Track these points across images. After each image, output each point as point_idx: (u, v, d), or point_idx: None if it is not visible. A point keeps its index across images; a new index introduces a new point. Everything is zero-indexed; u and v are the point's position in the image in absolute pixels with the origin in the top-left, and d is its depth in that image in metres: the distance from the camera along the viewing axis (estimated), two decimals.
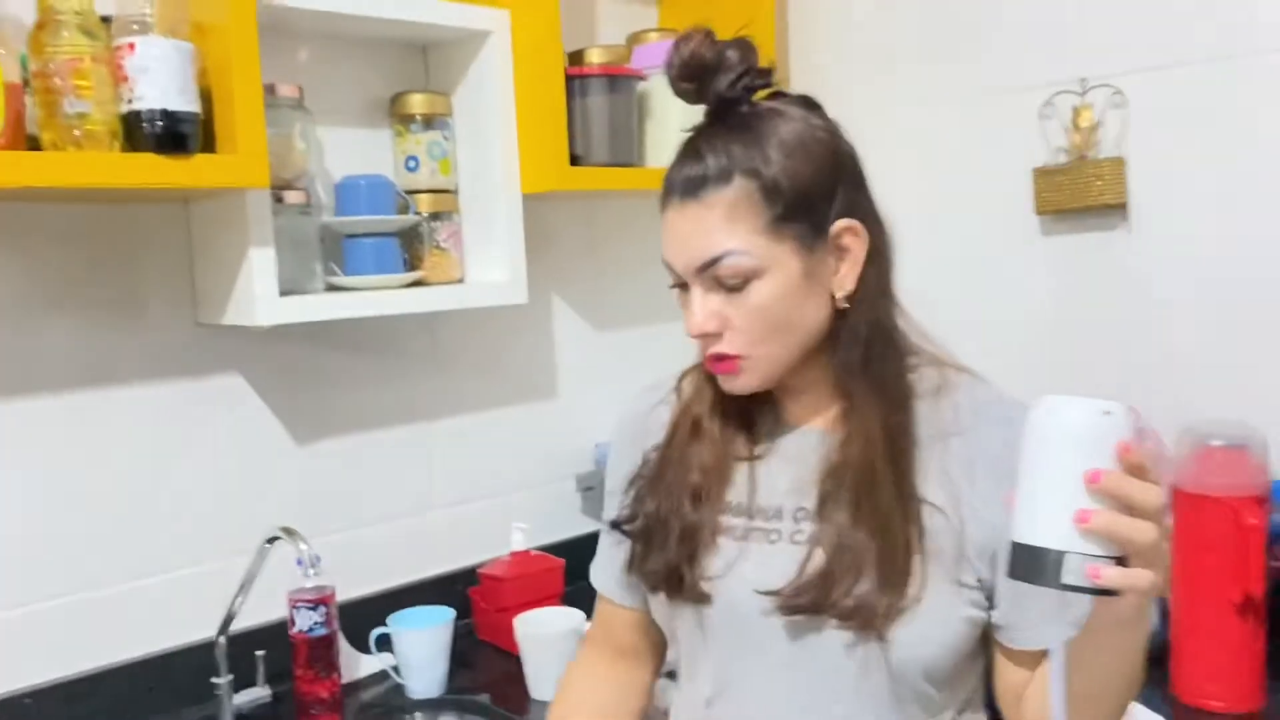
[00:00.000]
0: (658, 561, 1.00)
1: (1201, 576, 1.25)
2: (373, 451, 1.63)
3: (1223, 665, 1.25)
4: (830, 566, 0.91)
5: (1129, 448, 0.71)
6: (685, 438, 1.02)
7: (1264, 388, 1.49)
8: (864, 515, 0.92)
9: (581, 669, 1.16)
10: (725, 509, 1.00)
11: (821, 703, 0.93)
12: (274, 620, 1.47)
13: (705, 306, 0.92)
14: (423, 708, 1.48)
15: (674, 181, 0.93)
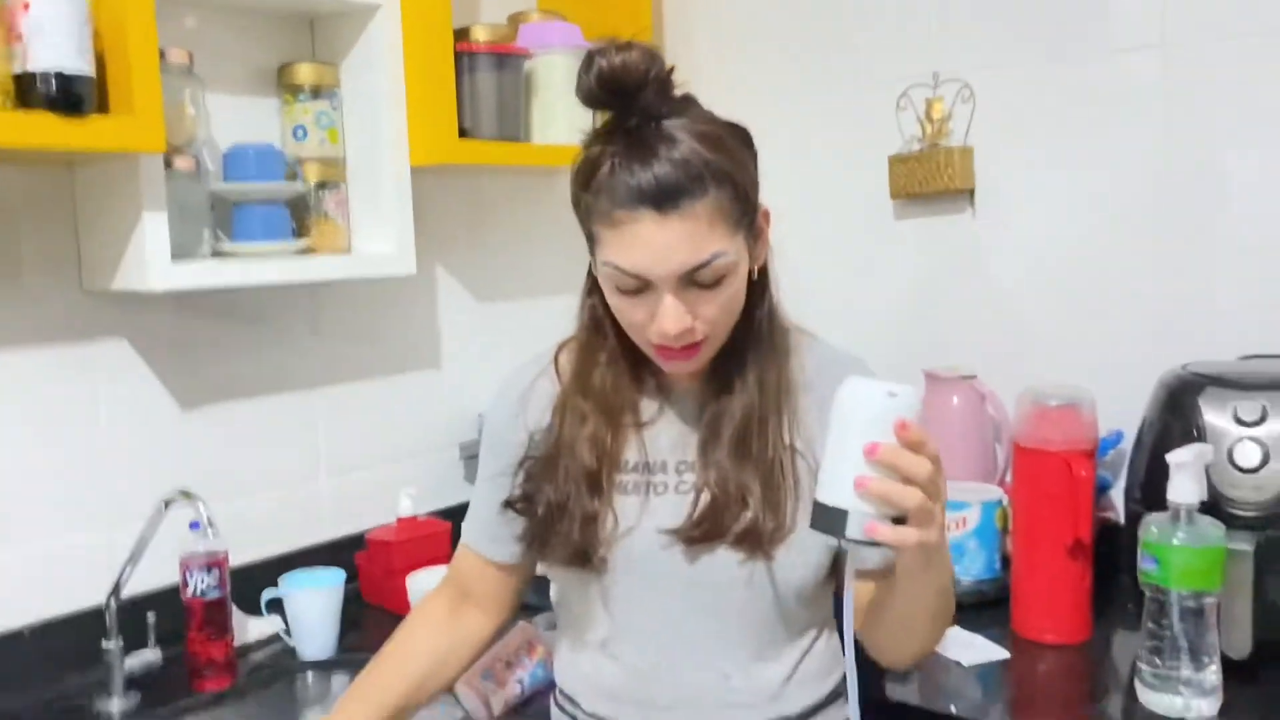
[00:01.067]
0: (563, 547, 1.06)
1: (1038, 524, 1.39)
2: (260, 419, 1.64)
3: (1056, 603, 1.40)
4: (717, 501, 1.02)
5: (905, 425, 0.84)
6: (575, 420, 1.08)
7: (1093, 354, 1.66)
8: (746, 455, 1.03)
9: (424, 614, 1.20)
10: (622, 469, 1.08)
11: (713, 627, 1.05)
12: (164, 586, 1.47)
13: (678, 307, 0.96)
14: (314, 668, 1.51)
15: (639, 191, 0.93)
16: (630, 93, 0.94)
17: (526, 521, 1.10)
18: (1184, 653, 1.18)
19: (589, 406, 1.08)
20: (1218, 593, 1.18)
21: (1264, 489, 1.26)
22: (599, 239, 0.99)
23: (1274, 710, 1.17)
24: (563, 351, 1.14)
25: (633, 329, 1.02)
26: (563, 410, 1.09)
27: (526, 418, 1.12)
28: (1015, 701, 1.28)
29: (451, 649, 1.18)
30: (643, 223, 0.94)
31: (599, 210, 0.97)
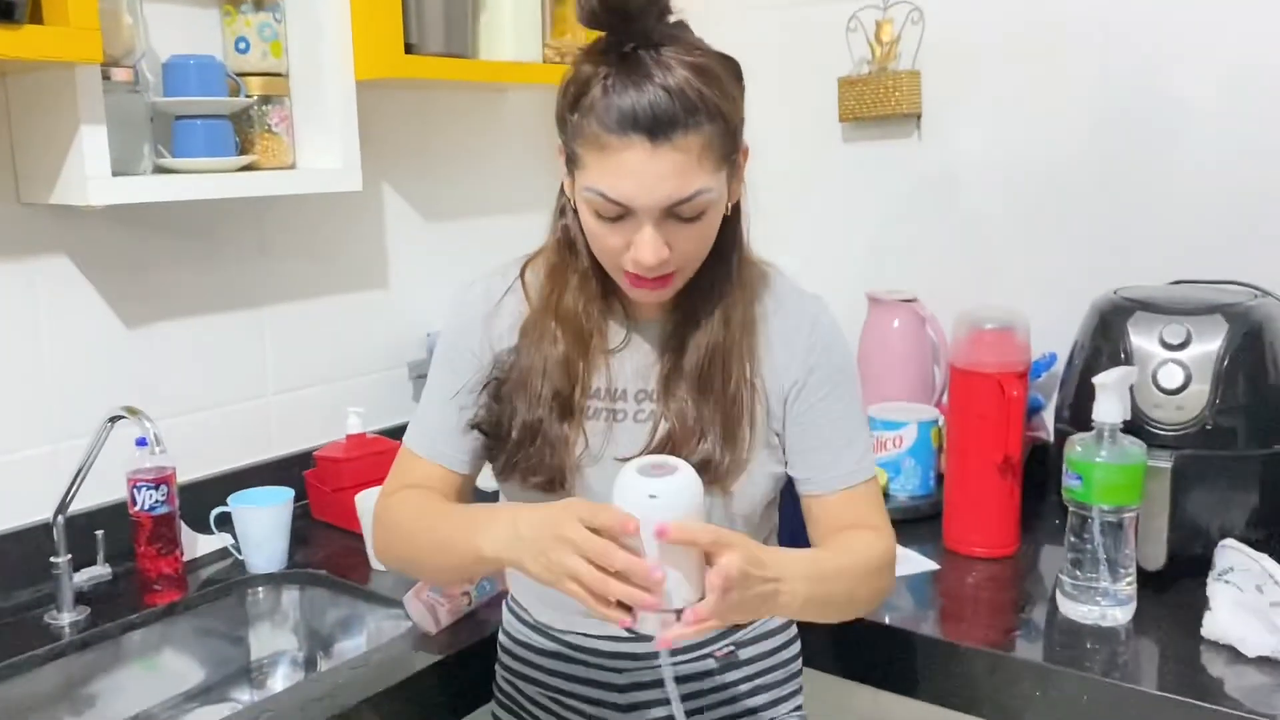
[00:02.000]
0: (533, 471, 1.06)
1: (970, 442, 1.44)
2: (205, 336, 1.63)
3: (985, 518, 1.46)
4: (674, 433, 1.04)
5: (664, 531, 0.85)
6: (548, 341, 1.07)
7: (1033, 278, 1.70)
8: (708, 389, 1.05)
9: (399, 496, 1.14)
10: (590, 394, 1.08)
11: None
12: (110, 502, 1.48)
13: (657, 239, 0.96)
14: (264, 582, 1.53)
15: (632, 118, 0.92)
16: (633, 16, 0.93)
17: (492, 442, 1.10)
18: (1102, 565, 1.24)
19: (560, 329, 1.07)
20: (1136, 508, 1.24)
21: (1185, 409, 1.32)
22: (583, 162, 0.97)
23: (1183, 618, 1.23)
24: (528, 269, 1.13)
25: (606, 254, 1.01)
26: (534, 330, 1.08)
27: (491, 335, 1.11)
28: (945, 610, 1.34)
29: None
30: (633, 150, 0.92)
31: (587, 133, 0.95)
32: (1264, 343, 1.34)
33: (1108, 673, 1.15)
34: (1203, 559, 1.30)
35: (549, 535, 0.89)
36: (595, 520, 0.87)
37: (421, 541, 1.08)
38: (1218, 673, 1.14)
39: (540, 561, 0.90)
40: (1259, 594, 1.21)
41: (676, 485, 0.87)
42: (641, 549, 0.86)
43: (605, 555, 0.85)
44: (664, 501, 0.86)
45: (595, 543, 0.86)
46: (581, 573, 0.86)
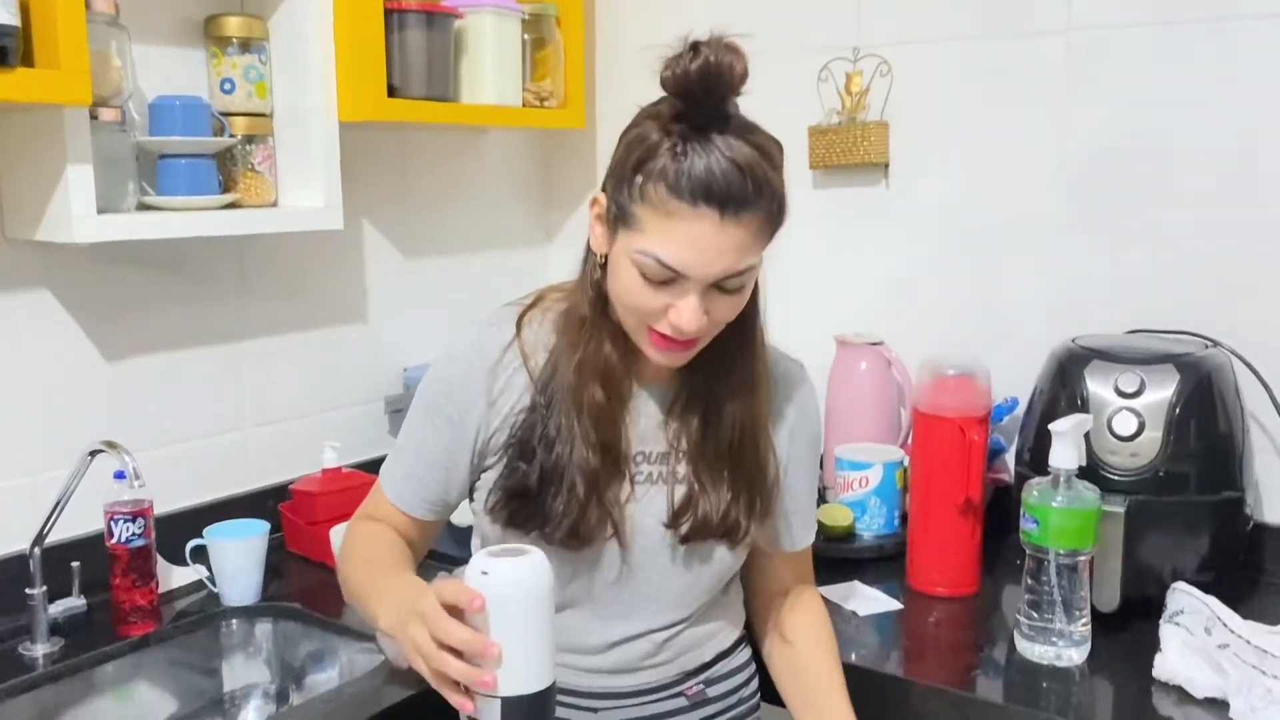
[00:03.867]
0: (562, 528, 1.05)
1: (933, 484, 1.48)
2: (184, 371, 1.65)
3: (947, 558, 1.49)
4: (696, 497, 1.09)
5: (473, 604, 0.87)
6: (589, 394, 1.06)
7: (995, 324, 1.75)
8: (740, 456, 1.11)
9: (366, 525, 1.18)
10: (614, 457, 1.09)
11: (660, 599, 1.13)
12: (87, 534, 1.49)
13: (701, 307, 0.99)
14: (238, 614, 1.55)
15: (705, 190, 0.93)
16: (720, 94, 0.94)
17: (517, 503, 1.08)
18: (1058, 606, 1.28)
19: (601, 382, 1.07)
20: (1091, 551, 1.28)
21: (1138, 456, 1.36)
22: (641, 224, 0.97)
23: (1136, 658, 1.27)
24: (526, 326, 1.11)
25: (637, 314, 1.01)
26: (573, 381, 1.06)
27: (493, 390, 1.09)
28: (908, 650, 1.37)
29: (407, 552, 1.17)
30: (702, 222, 0.94)
31: (652, 197, 0.95)
32: (1214, 392, 1.39)
33: (1062, 712, 1.18)
34: (1155, 601, 1.34)
35: (408, 609, 0.92)
36: (442, 595, 0.88)
37: (353, 587, 1.12)
38: (1167, 712, 1.18)
39: (402, 636, 0.93)
40: (1207, 636, 1.25)
41: (509, 566, 0.87)
42: (483, 627, 0.87)
43: (438, 626, 0.87)
44: (494, 580, 0.87)
45: (435, 616, 0.87)
46: (424, 648, 0.88)
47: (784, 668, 1.22)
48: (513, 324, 1.11)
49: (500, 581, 0.87)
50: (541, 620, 0.89)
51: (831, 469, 1.69)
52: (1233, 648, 1.23)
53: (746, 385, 1.10)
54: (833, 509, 1.64)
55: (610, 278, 1.04)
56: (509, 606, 0.87)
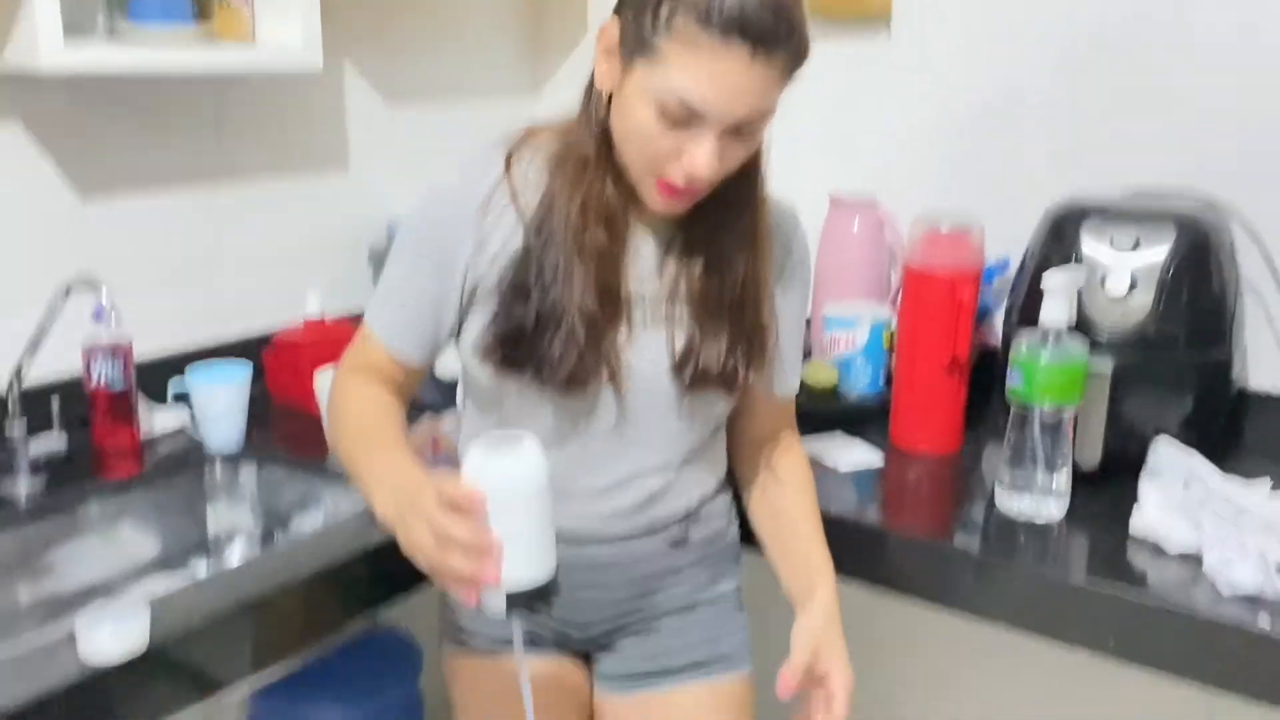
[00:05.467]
0: (560, 372, 1.03)
1: (920, 344, 1.47)
2: (162, 213, 1.61)
3: (931, 416, 1.50)
4: (695, 343, 1.08)
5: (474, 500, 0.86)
6: (589, 234, 1.03)
7: (989, 184, 1.71)
8: (740, 306, 1.09)
9: (369, 384, 1.13)
10: (614, 300, 1.07)
11: (650, 445, 1.13)
12: (67, 376, 1.48)
13: (717, 151, 0.95)
14: (221, 460, 1.54)
15: (740, 23, 0.89)
16: None
17: (512, 347, 1.05)
18: (1040, 462, 1.28)
19: (602, 223, 1.04)
20: (1076, 407, 1.28)
21: (1129, 315, 1.35)
22: (664, 57, 0.92)
23: (1114, 515, 1.28)
24: (515, 164, 1.07)
25: (648, 158, 0.98)
26: (570, 220, 1.03)
27: (482, 232, 1.06)
28: (886, 503, 1.38)
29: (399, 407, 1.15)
30: (731, 59, 0.90)
31: (679, 27, 0.90)
32: (1211, 252, 1.36)
33: (1038, 564, 1.20)
34: (1136, 461, 1.34)
35: (406, 506, 0.90)
36: (444, 492, 0.87)
37: (346, 459, 1.08)
38: (1142, 567, 1.19)
39: (400, 530, 0.92)
40: (1185, 490, 1.26)
41: (507, 463, 0.87)
42: (485, 524, 0.86)
43: (441, 526, 0.86)
44: (492, 478, 0.86)
45: (436, 514, 0.86)
46: (425, 545, 0.87)
47: (763, 510, 1.23)
48: (500, 162, 1.08)
49: (498, 478, 0.86)
50: (541, 511, 0.89)
51: (819, 327, 1.67)
52: (1210, 503, 1.24)
53: (749, 237, 1.08)
54: (817, 367, 1.64)
55: (617, 116, 0.99)
56: (509, 502, 0.87)
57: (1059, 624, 1.18)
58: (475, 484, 0.86)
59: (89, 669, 0.99)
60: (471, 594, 0.88)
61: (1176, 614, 1.10)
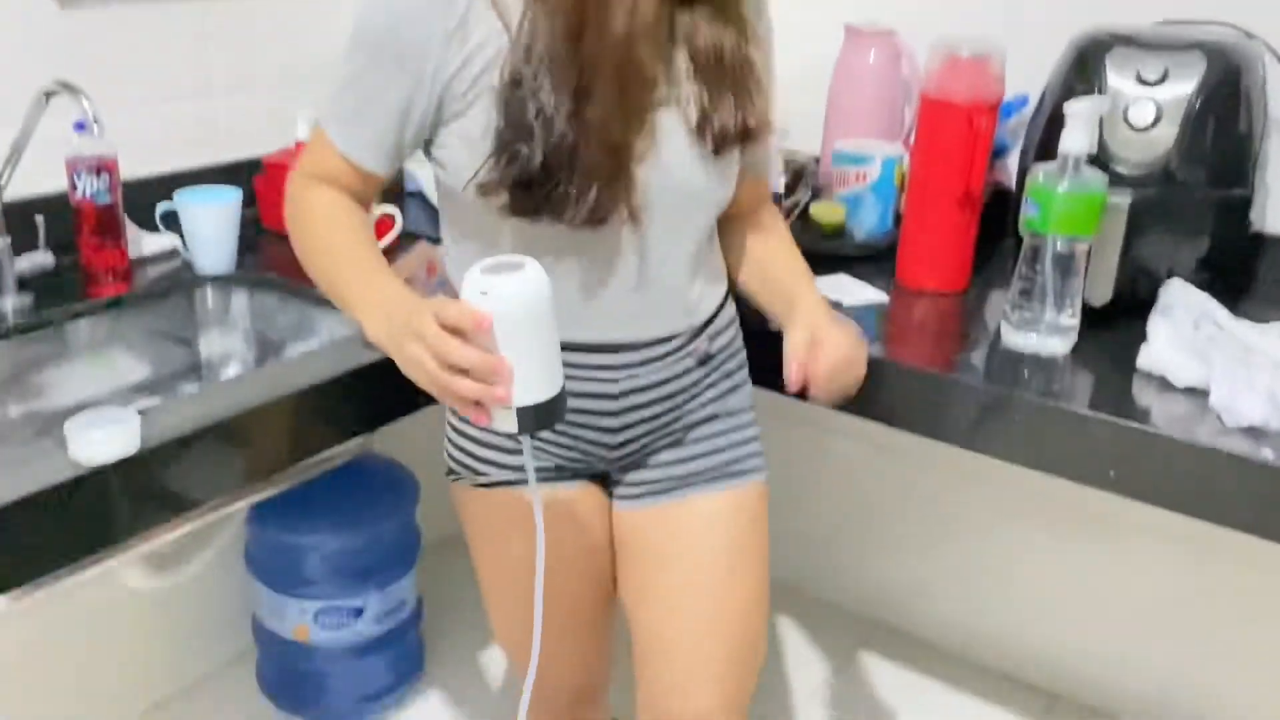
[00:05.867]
0: (581, 201, 0.98)
1: (933, 175, 1.42)
2: (147, 25, 1.54)
3: (939, 252, 1.45)
4: (709, 113, 1.05)
5: (481, 323, 0.84)
6: (603, 43, 0.95)
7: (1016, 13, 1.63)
8: (729, 65, 1.05)
9: (334, 196, 1.06)
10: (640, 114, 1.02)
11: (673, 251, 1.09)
12: (52, 192, 1.43)
13: None
14: (213, 283, 1.52)
15: None
16: None
17: (517, 189, 0.98)
18: (1049, 296, 1.25)
19: (648, 42, 0.98)
20: (1090, 240, 1.24)
21: (1152, 148, 1.30)
22: None
23: (1119, 354, 1.26)
24: None
25: None
26: (616, 45, 0.96)
27: (456, 31, 0.96)
28: (891, 337, 1.36)
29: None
30: None
31: None
32: (1240, 85, 1.31)
33: (1041, 396, 1.18)
34: (1147, 301, 1.32)
35: (404, 329, 0.89)
36: (443, 315, 0.85)
37: (321, 279, 1.05)
38: (1146, 401, 1.18)
39: (400, 354, 0.91)
40: (1195, 330, 1.23)
41: (511, 284, 0.85)
42: (488, 344, 0.85)
43: (446, 351, 0.85)
44: (496, 300, 0.84)
45: (439, 340, 0.85)
46: (430, 368, 0.87)
47: (749, 268, 1.23)
48: None
49: (503, 300, 0.84)
50: (547, 330, 0.88)
51: (828, 162, 1.62)
52: (1220, 342, 1.21)
53: (732, 5, 1.06)
54: (825, 207, 1.59)
55: None
56: (514, 323, 0.85)
57: (1060, 457, 1.17)
58: (478, 306, 0.85)
59: (79, 468, 0.98)
60: (482, 414, 0.88)
61: (1179, 445, 1.09)
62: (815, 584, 2.10)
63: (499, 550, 1.20)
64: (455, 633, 1.96)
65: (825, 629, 2.02)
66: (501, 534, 1.18)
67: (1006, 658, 1.91)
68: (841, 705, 1.85)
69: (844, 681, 1.90)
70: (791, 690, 1.87)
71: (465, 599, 1.91)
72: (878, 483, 1.97)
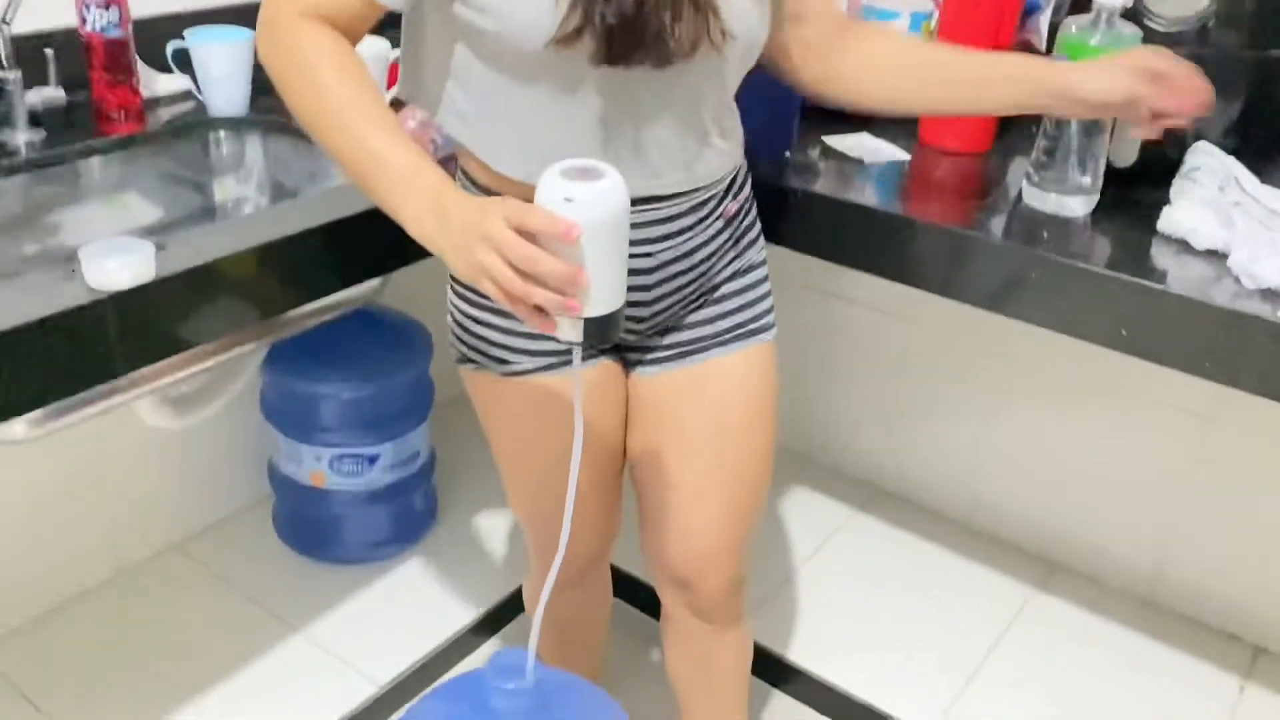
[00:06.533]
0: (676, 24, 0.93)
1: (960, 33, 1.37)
2: None
3: None
4: None
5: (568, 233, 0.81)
6: None
7: None
8: None
9: (313, 35, 0.95)
10: None
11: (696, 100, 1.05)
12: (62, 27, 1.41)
13: None
14: (226, 125, 1.50)
15: None
16: None
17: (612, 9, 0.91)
18: (1073, 156, 1.23)
19: None
20: None
21: (1190, 3, 1.26)
22: None
23: (1141, 217, 1.23)
24: None
25: None
26: None
27: None
28: (910, 194, 1.35)
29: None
30: None
31: None
32: None
33: (1057, 254, 1.17)
34: (1173, 165, 1.29)
35: (475, 232, 0.85)
36: (523, 222, 0.82)
37: (329, 138, 0.94)
38: (1164, 263, 1.17)
39: (463, 257, 0.87)
40: (1220, 193, 1.21)
41: (597, 192, 0.82)
42: (567, 253, 0.82)
43: (527, 260, 0.82)
44: (579, 208, 0.81)
45: (518, 247, 0.82)
46: (502, 276, 0.83)
47: (922, 75, 1.16)
48: None
49: (587, 209, 0.82)
50: (623, 242, 0.86)
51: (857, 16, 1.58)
52: (1243, 205, 1.19)
53: None
54: None
55: None
56: (595, 234, 0.82)
57: (1073, 316, 1.17)
58: (563, 213, 0.82)
59: (95, 293, 0.99)
60: (549, 323, 0.86)
61: (1194, 305, 1.09)
62: (818, 448, 2.13)
63: (519, 433, 1.20)
64: (466, 488, 2.00)
65: (826, 493, 2.06)
66: (521, 418, 1.18)
67: (1007, 525, 1.95)
68: (839, 567, 1.89)
69: (843, 544, 1.94)
70: (791, 551, 1.91)
71: (476, 457, 1.95)
72: (885, 349, 1.97)
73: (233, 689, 1.58)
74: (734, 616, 1.32)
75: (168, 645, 1.64)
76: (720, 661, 1.36)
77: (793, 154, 1.40)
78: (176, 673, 1.59)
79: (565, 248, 0.82)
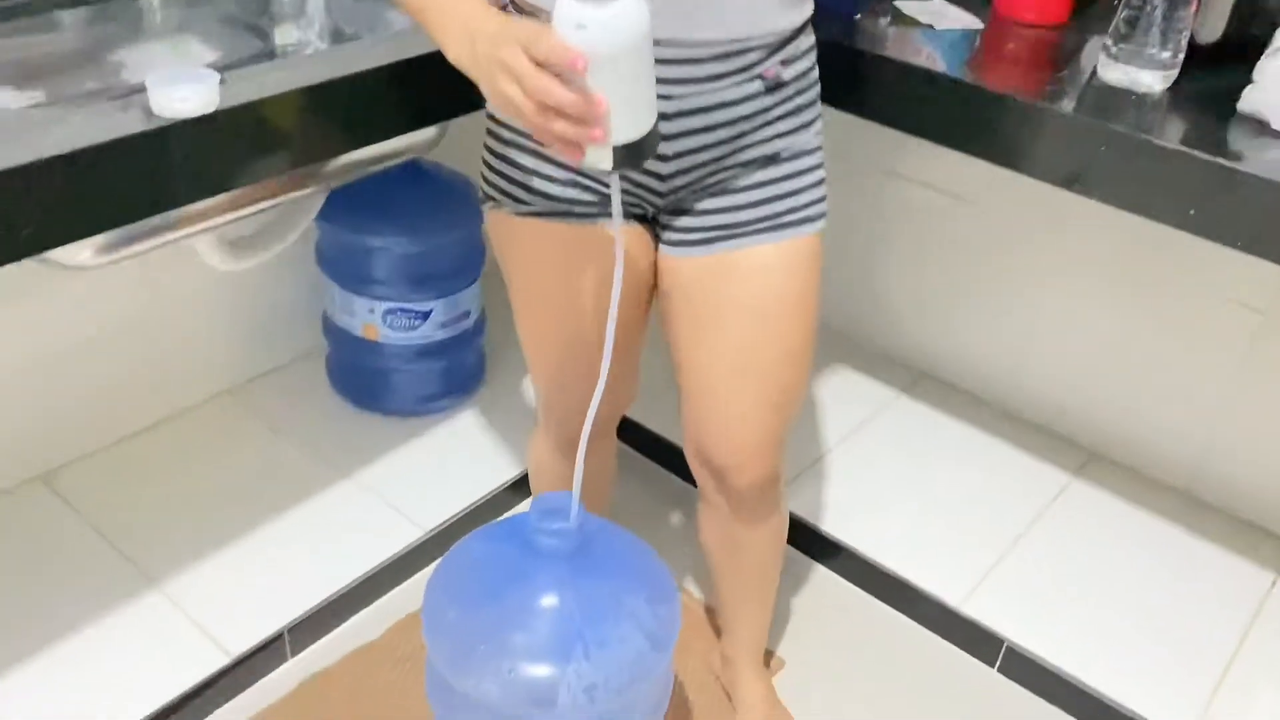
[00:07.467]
0: None
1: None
2: None
3: None
4: None
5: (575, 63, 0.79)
6: None
7: None
8: None
9: None
10: None
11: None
12: None
13: None
14: None
15: None
16: None
17: None
18: (1155, 28, 1.18)
19: None
20: None
21: None
22: None
23: (1221, 95, 1.20)
24: None
25: None
26: None
27: None
28: (979, 65, 1.31)
29: None
30: None
31: None
32: None
33: (1129, 128, 1.14)
34: (1261, 43, 1.24)
35: (491, 59, 0.84)
36: (534, 50, 0.80)
37: None
38: (1242, 142, 1.13)
39: (491, 87, 0.86)
40: None
41: (610, 17, 0.78)
42: (582, 81, 0.80)
43: (542, 91, 0.80)
44: (594, 34, 0.78)
45: (533, 78, 0.80)
46: (524, 108, 0.82)
47: None
48: None
49: (601, 35, 0.78)
50: (646, 64, 0.82)
51: None
52: None
53: None
54: None
55: None
56: (612, 59, 0.79)
57: (1141, 191, 1.14)
58: (574, 41, 0.79)
59: (160, 120, 1.00)
60: (576, 152, 0.85)
61: (1267, 185, 1.06)
62: (863, 330, 2.12)
63: (534, 280, 1.20)
64: (514, 352, 2.02)
65: (872, 375, 2.06)
66: (538, 264, 1.17)
67: (1046, 411, 1.94)
68: (881, 446, 1.90)
69: (886, 424, 1.95)
70: (832, 429, 1.93)
71: None
72: (938, 231, 1.94)
73: (286, 529, 1.64)
74: (767, 510, 1.31)
75: (223, 486, 1.70)
76: (750, 550, 1.36)
77: (863, 16, 1.37)
78: (231, 511, 1.65)
79: (581, 77, 0.80)
